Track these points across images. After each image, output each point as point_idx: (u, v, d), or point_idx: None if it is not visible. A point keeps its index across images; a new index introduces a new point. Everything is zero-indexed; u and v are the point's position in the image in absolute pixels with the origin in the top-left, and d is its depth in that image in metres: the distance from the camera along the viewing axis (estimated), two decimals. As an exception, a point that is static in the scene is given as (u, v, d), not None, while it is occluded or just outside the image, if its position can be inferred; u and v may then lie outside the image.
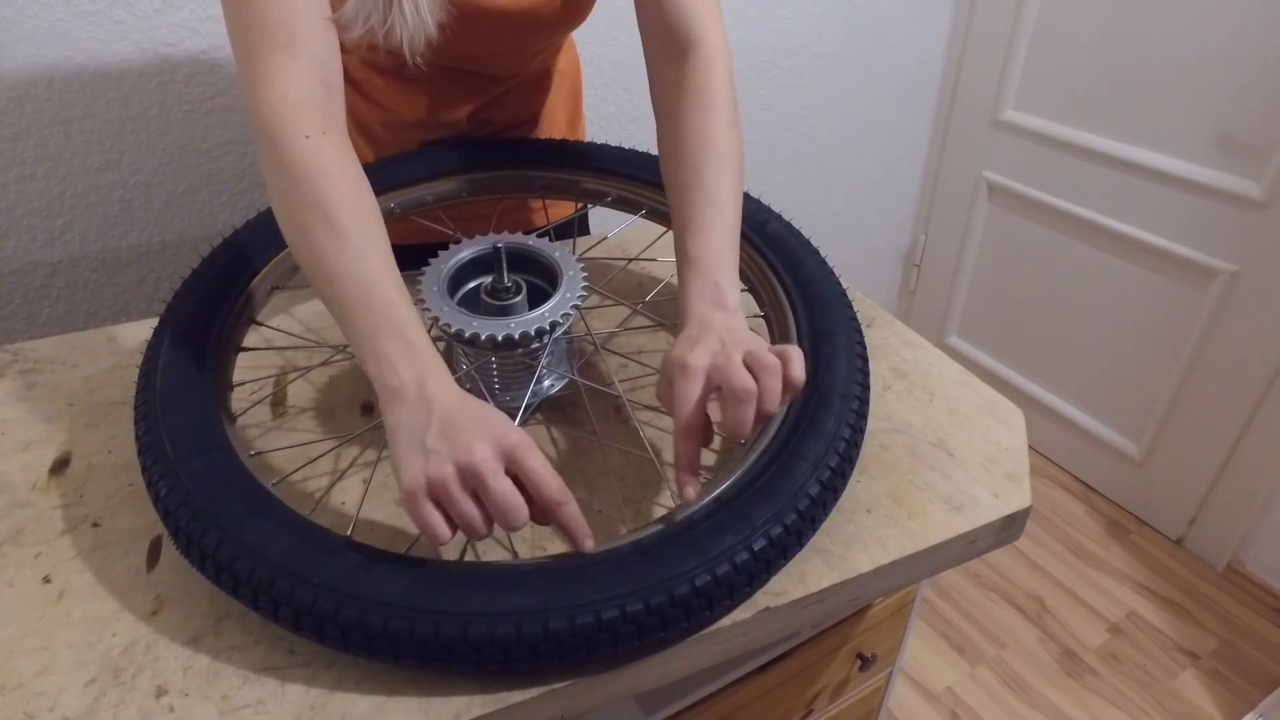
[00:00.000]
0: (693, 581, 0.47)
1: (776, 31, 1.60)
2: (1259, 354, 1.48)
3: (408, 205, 0.81)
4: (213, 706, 0.46)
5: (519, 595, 0.45)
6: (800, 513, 0.51)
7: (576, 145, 0.87)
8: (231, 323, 0.65)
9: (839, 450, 0.55)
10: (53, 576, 0.54)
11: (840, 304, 0.67)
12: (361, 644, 0.45)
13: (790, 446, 0.55)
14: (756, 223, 0.75)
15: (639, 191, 0.83)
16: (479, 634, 0.44)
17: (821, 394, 0.58)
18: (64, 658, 0.49)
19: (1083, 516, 1.83)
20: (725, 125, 0.64)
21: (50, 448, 0.66)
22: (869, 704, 0.95)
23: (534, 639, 0.44)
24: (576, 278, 0.65)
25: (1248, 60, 1.37)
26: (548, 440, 0.67)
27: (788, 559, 0.52)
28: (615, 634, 0.45)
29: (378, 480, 0.63)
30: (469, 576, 0.47)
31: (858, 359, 0.62)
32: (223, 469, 0.52)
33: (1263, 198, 1.40)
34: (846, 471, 0.56)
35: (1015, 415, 0.69)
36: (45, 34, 1.00)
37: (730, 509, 0.51)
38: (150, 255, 1.19)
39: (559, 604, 0.45)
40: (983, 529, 0.59)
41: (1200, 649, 1.53)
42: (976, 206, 1.93)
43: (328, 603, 0.45)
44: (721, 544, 0.48)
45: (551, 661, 0.46)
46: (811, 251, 0.72)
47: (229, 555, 0.47)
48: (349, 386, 0.73)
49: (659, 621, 0.46)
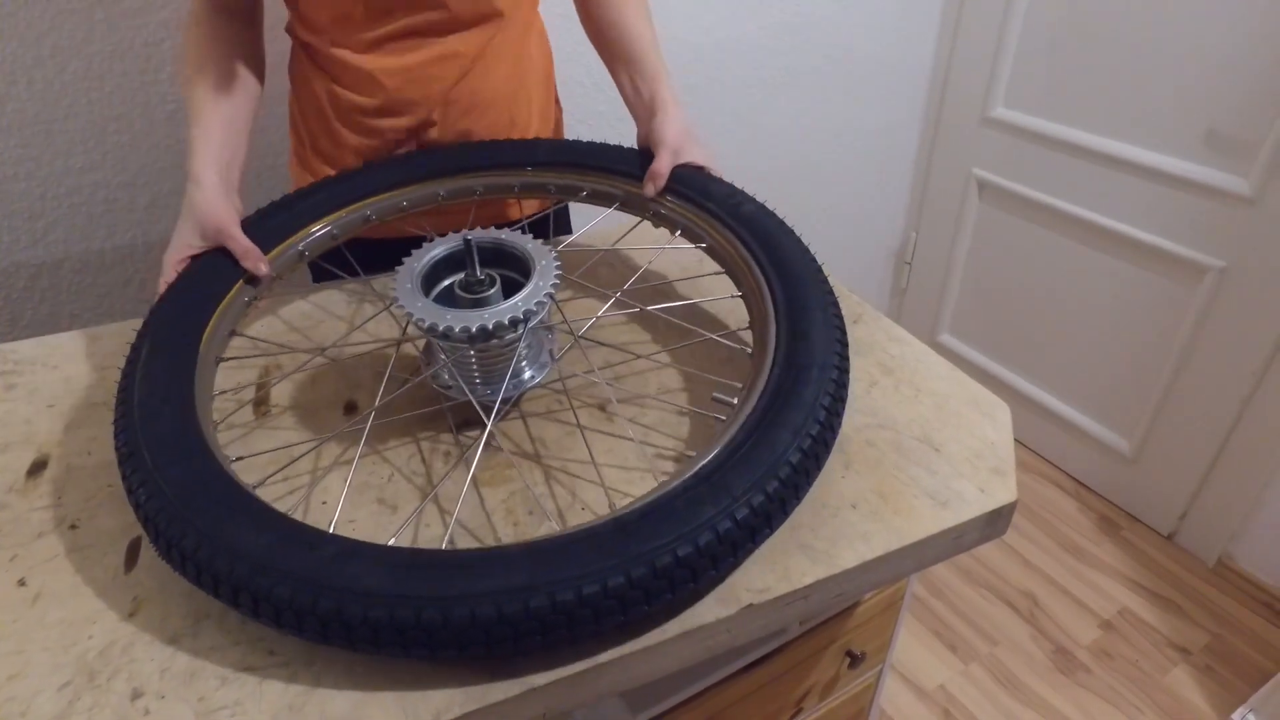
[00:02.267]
0: (675, 552, 0.46)
1: (766, 30, 1.59)
2: (1248, 349, 1.49)
3: (383, 212, 0.82)
4: (189, 708, 0.46)
5: (499, 576, 0.45)
6: (782, 480, 0.51)
7: (544, 143, 0.88)
8: (211, 334, 0.65)
9: (819, 419, 0.54)
10: (28, 579, 0.54)
11: (816, 279, 0.66)
12: (342, 635, 0.45)
13: (769, 417, 0.54)
14: (730, 205, 0.75)
15: (613, 184, 0.84)
16: (460, 617, 0.43)
17: (800, 367, 0.57)
18: (39, 661, 0.48)
19: (1074, 513, 1.83)
20: (635, 5, 0.87)
21: (28, 449, 0.65)
22: (859, 702, 0.95)
23: (515, 619, 0.44)
24: (549, 268, 0.65)
25: (1236, 56, 1.38)
26: (526, 434, 0.67)
27: (772, 528, 0.51)
28: (598, 609, 0.45)
29: (358, 478, 0.62)
30: (446, 562, 0.46)
31: (835, 330, 0.61)
32: (202, 473, 0.51)
33: (1251, 193, 1.40)
34: (829, 440, 0.56)
35: (1001, 410, 0.69)
36: (26, 32, 1.00)
37: (710, 481, 0.50)
38: (135, 257, 1.18)
39: (539, 582, 0.44)
40: (968, 524, 0.59)
41: (1191, 644, 1.53)
42: (967, 204, 1.93)
43: (306, 595, 0.44)
44: (702, 515, 0.48)
45: (534, 641, 0.45)
46: (786, 231, 0.72)
47: (208, 555, 0.47)
48: (332, 386, 0.73)
49: (642, 595, 0.46)
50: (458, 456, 0.65)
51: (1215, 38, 1.39)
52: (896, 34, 1.79)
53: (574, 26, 0.92)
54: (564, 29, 0.98)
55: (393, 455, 0.65)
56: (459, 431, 0.67)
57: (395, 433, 0.67)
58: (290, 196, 0.80)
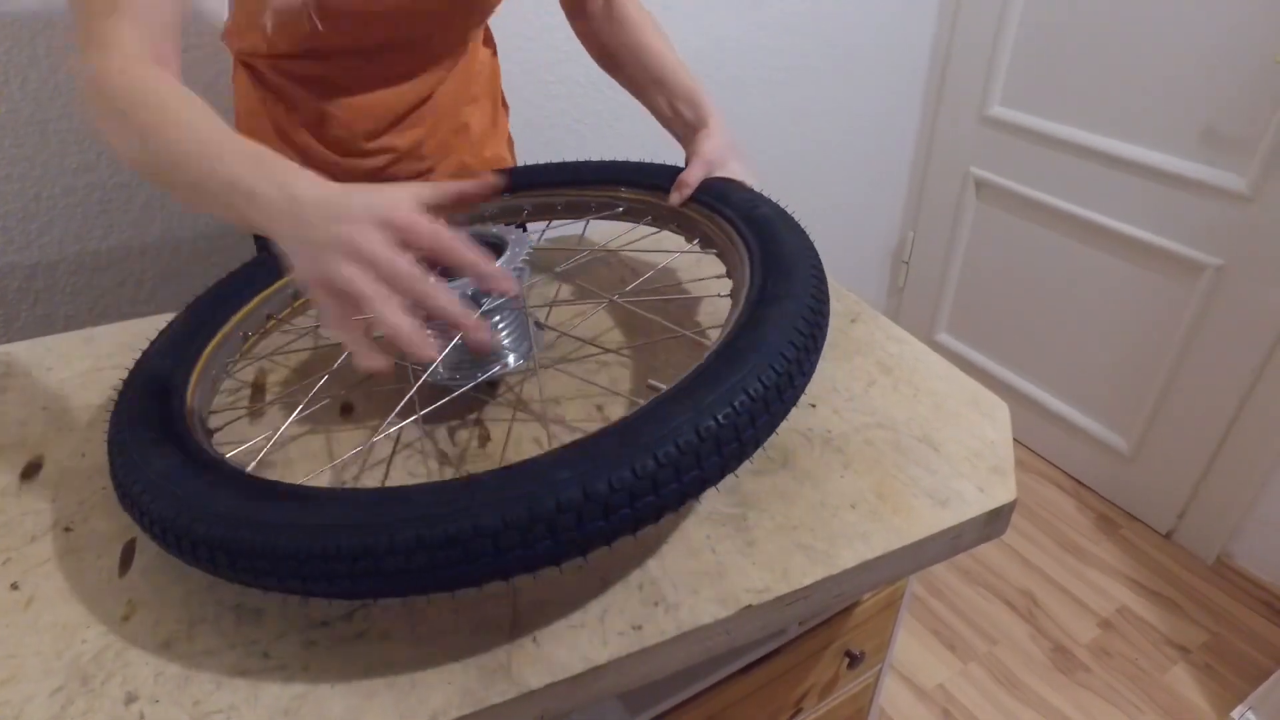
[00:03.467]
0: (675, 442, 0.44)
1: (764, 29, 1.59)
2: (1246, 347, 1.49)
3: None
4: (184, 713, 0.45)
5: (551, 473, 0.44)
6: (794, 350, 0.50)
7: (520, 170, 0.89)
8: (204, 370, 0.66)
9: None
10: (21, 583, 0.53)
11: (793, 231, 0.66)
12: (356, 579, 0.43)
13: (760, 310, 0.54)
14: (711, 189, 0.75)
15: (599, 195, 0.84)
16: (490, 525, 0.42)
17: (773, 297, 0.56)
18: (31, 665, 0.48)
19: (1072, 512, 1.83)
20: (652, 27, 0.84)
21: (22, 452, 0.65)
22: (859, 702, 0.94)
23: (572, 507, 0.42)
24: (520, 252, 0.65)
25: (1233, 54, 1.38)
26: (503, 423, 0.67)
27: (784, 402, 0.49)
28: (606, 506, 0.43)
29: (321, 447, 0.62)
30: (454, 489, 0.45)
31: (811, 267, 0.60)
32: (189, 456, 0.52)
33: (1248, 191, 1.40)
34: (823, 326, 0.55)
35: (1000, 409, 0.69)
36: (19, 32, 0.99)
37: (710, 372, 0.49)
38: (130, 258, 1.18)
39: (549, 485, 0.43)
40: (968, 523, 0.58)
41: (1190, 643, 1.53)
42: (965, 203, 1.93)
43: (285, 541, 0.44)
44: (705, 399, 0.46)
45: (542, 548, 0.43)
46: (767, 201, 0.72)
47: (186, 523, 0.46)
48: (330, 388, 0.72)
49: (649, 485, 0.44)
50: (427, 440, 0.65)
51: (1212, 35, 1.39)
52: (893, 32, 1.79)
53: (561, 26, 0.92)
54: (558, 28, 0.98)
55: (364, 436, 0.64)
56: (426, 413, 0.67)
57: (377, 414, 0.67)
58: None
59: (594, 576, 0.53)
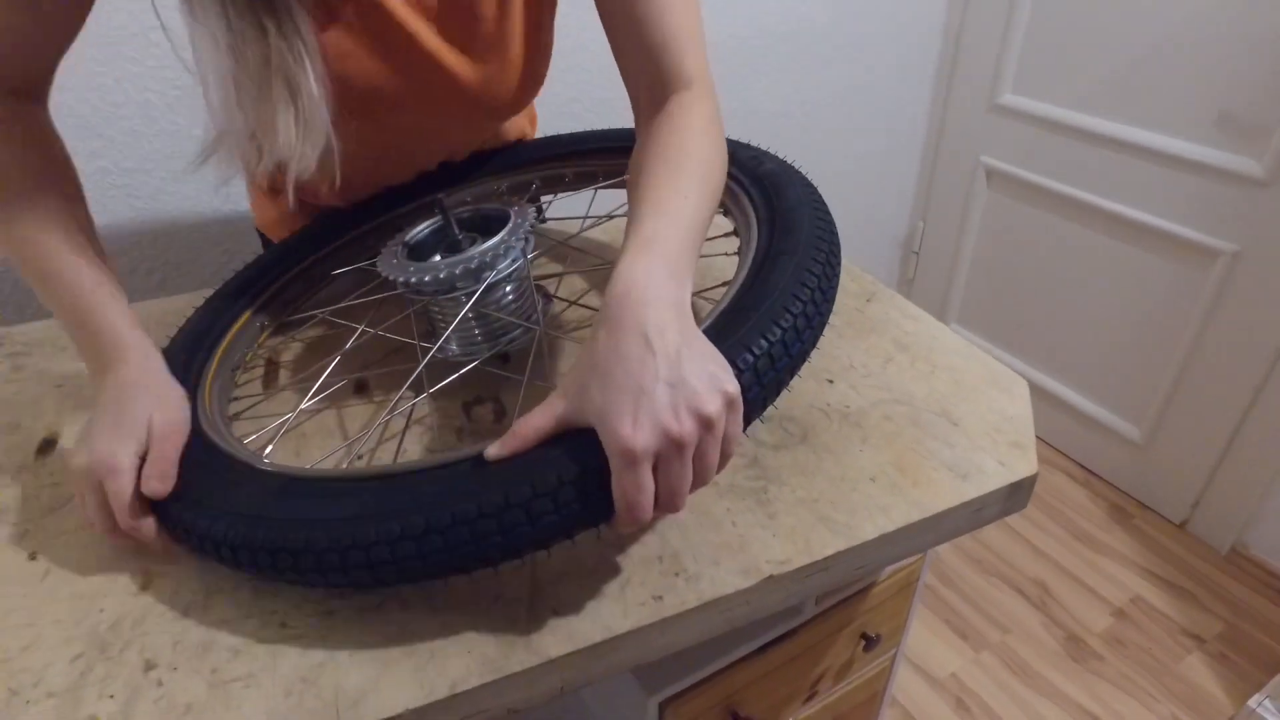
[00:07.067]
0: None
1: (773, 16, 1.58)
2: (1261, 335, 1.47)
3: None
4: (202, 680, 0.45)
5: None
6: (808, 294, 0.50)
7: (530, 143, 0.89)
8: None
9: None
10: (39, 554, 0.53)
11: (799, 185, 0.67)
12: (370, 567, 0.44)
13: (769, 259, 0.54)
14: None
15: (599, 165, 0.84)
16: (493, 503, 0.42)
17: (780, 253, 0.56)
18: (50, 633, 0.48)
19: (1085, 501, 1.82)
20: (699, 133, 0.56)
21: (37, 428, 0.65)
22: (873, 687, 0.94)
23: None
24: (521, 226, 0.65)
25: (1247, 38, 1.36)
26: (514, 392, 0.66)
27: (804, 342, 0.49)
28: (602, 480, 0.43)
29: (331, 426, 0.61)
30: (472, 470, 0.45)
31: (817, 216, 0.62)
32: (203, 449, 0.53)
33: (1264, 176, 1.39)
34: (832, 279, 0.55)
35: (1019, 385, 0.68)
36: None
37: (714, 331, 0.48)
38: (141, 244, 1.18)
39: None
40: (989, 495, 0.58)
41: (1205, 632, 1.52)
42: (975, 192, 1.92)
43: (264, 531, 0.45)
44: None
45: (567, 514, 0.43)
46: (772, 157, 0.73)
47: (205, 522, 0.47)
48: (344, 368, 0.72)
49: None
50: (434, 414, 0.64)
51: (1226, 19, 1.38)
52: (903, 20, 1.77)
53: (581, 13, 0.91)
54: (571, 14, 0.97)
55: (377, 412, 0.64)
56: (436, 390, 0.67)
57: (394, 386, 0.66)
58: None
59: (613, 550, 0.53)
